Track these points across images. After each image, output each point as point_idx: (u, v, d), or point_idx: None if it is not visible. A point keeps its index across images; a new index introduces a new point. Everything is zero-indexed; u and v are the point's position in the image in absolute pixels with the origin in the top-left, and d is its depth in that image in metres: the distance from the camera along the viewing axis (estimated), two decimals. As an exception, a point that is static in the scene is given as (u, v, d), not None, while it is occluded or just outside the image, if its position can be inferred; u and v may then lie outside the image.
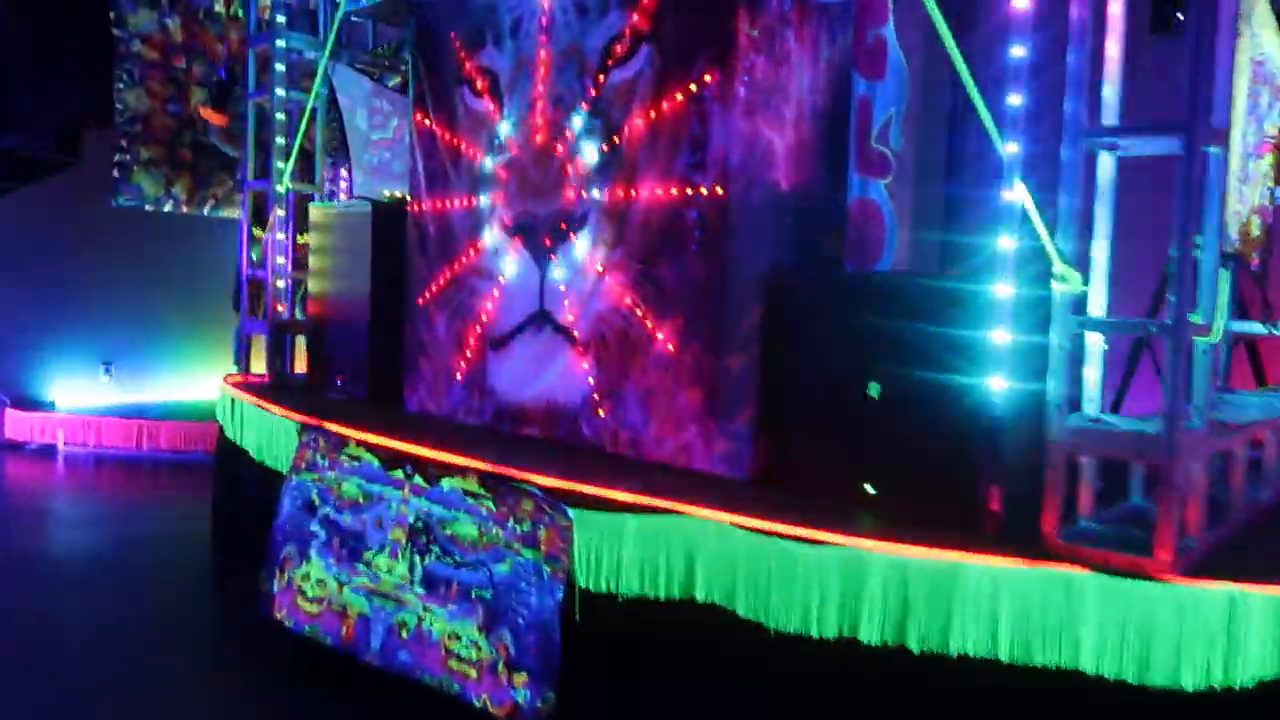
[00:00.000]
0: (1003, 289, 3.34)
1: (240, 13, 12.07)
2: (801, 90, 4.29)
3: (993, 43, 3.78)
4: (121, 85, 11.05)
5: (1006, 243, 3.33)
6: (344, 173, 8.13)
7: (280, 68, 6.66)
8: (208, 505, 6.74)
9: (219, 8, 12.36)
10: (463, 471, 4.11)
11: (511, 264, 5.04)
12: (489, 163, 5.18)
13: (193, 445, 9.92)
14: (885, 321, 3.68)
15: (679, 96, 4.27)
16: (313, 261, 6.50)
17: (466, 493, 4.06)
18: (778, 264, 4.20)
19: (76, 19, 10.76)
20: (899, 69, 4.53)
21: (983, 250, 3.53)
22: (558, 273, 4.80)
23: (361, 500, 4.47)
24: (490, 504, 3.96)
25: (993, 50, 3.72)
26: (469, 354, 5.31)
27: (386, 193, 6.33)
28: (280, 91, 6.70)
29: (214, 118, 10.57)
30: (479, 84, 5.24)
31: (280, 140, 6.72)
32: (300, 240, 7.07)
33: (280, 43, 6.69)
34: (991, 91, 3.60)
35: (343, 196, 8.10)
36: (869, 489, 3.73)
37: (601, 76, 4.60)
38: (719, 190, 4.13)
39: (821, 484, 3.86)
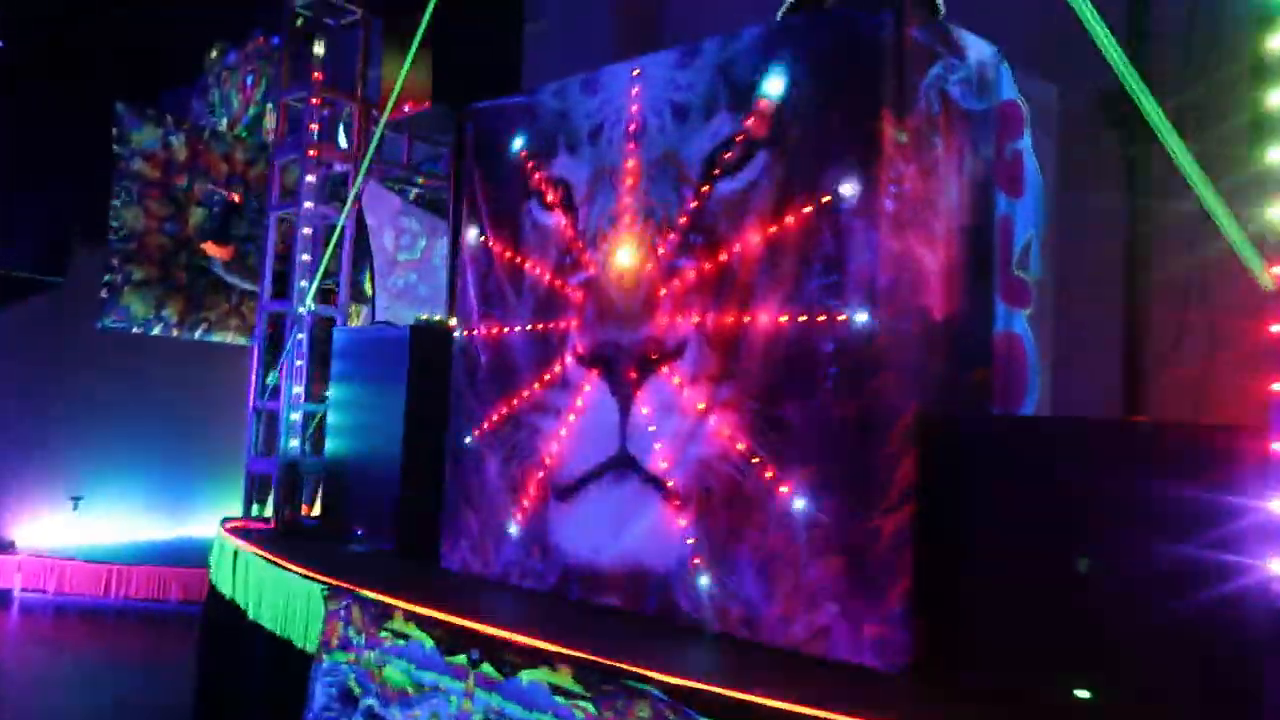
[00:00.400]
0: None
1: (245, 134, 11.68)
2: (950, 204, 3.71)
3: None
4: (119, 203, 10.43)
5: None
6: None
7: (310, 179, 6.08)
8: (186, 668, 5.74)
9: (222, 127, 11.98)
10: (550, 660, 3.27)
11: (586, 399, 4.31)
12: (560, 284, 4.53)
13: (169, 593, 8.84)
14: (1099, 477, 2.98)
15: (807, 209, 3.66)
16: (334, 391, 5.75)
17: (556, 690, 3.20)
18: (930, 405, 3.51)
19: (74, 131, 10.27)
20: (1037, 186, 4.00)
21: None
22: (645, 410, 4.08)
23: (411, 690, 3.59)
24: (590, 707, 3.11)
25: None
26: (528, 503, 4.52)
27: (425, 315, 5.67)
28: (309, 204, 6.10)
29: (217, 251, 9.92)
30: (549, 196, 4.63)
31: (305, 257, 6.06)
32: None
33: (312, 152, 6.12)
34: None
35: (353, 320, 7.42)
36: (1082, 694, 2.94)
37: (705, 187, 4.00)
38: (863, 317, 3.47)
39: (1007, 683, 3.08)
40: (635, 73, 4.35)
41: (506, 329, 4.76)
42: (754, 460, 3.70)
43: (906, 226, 3.53)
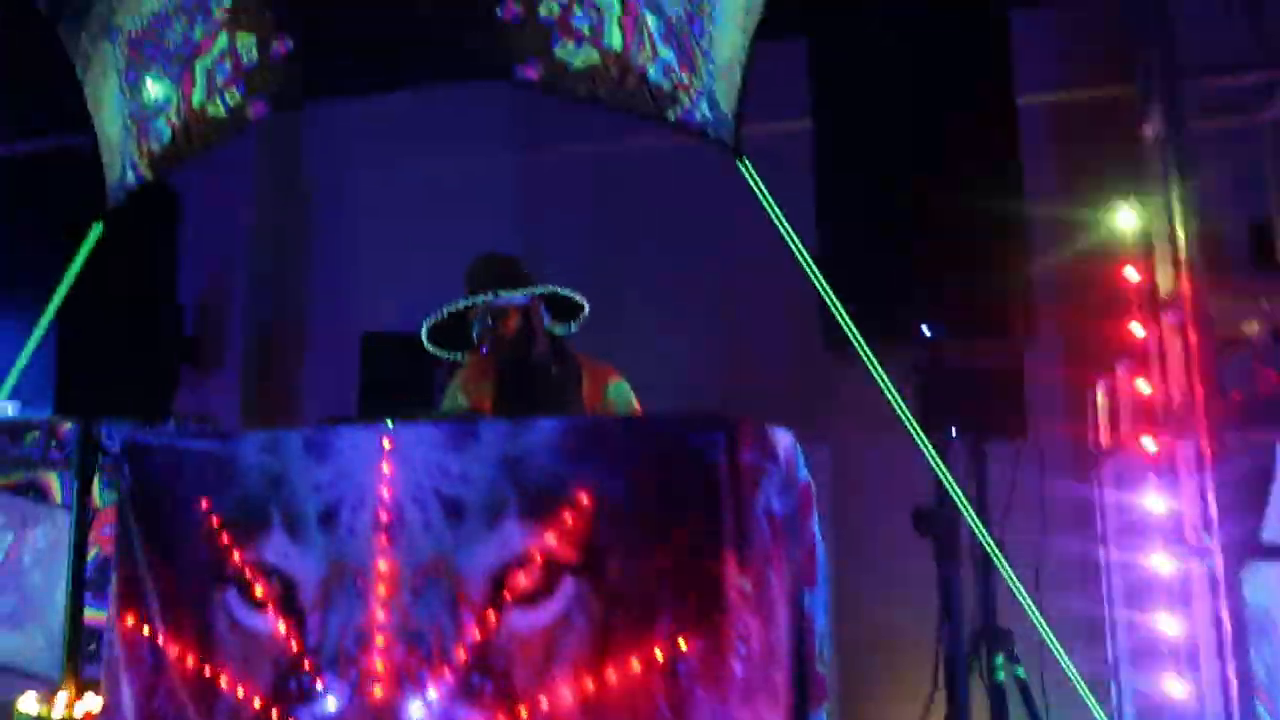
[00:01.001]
0: None
1: None
2: (785, 643, 3.27)
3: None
4: None
5: None
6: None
7: None
8: None
9: None
10: None
11: None
12: (279, 714, 3.40)
13: None
14: None
15: (635, 663, 3.02)
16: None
17: None
18: None
19: None
20: (824, 567, 3.78)
21: None
22: None
23: None
24: None
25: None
26: None
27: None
28: None
29: None
30: (259, 589, 3.52)
31: None
32: None
33: None
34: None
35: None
36: None
37: (493, 614, 3.20)
38: (711, 809, 2.88)
39: None
40: (386, 444, 3.47)
41: (194, 768, 3.49)
42: None
43: (755, 691, 3.03)
